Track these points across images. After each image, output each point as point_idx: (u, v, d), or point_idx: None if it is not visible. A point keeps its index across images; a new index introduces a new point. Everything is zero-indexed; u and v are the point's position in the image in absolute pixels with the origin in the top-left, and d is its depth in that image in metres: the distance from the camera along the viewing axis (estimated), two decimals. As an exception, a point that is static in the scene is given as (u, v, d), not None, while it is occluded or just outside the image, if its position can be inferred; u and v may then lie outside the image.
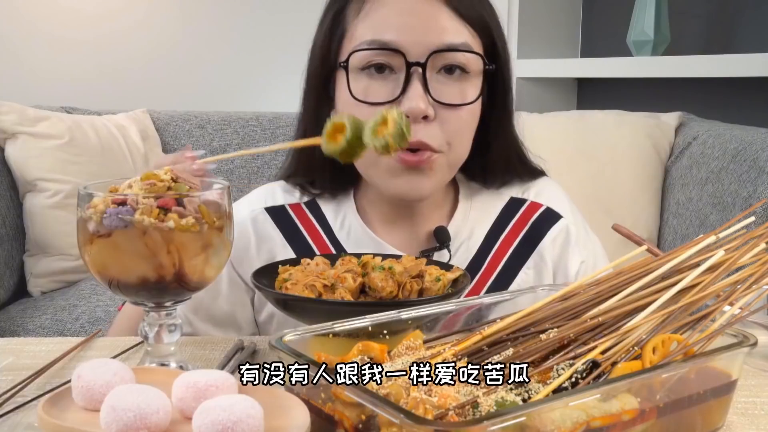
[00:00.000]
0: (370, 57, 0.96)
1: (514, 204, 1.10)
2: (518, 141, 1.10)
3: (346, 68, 0.97)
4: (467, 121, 0.99)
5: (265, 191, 1.11)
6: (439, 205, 1.08)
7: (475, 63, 0.97)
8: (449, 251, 1.03)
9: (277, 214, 1.07)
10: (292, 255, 1.03)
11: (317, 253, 1.04)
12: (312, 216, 1.08)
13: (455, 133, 0.97)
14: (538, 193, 1.11)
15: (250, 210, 1.07)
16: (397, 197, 1.01)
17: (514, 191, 1.11)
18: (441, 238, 1.04)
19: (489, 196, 1.10)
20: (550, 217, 1.09)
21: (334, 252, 1.03)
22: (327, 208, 1.08)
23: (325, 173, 1.06)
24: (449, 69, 0.96)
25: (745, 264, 0.71)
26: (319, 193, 1.09)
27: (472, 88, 0.98)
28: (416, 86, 0.94)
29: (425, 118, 0.94)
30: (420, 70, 0.94)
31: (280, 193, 1.10)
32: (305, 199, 1.09)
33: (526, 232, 1.08)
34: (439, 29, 0.95)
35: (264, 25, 2.94)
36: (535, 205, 1.09)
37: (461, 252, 1.06)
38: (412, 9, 0.95)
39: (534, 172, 1.12)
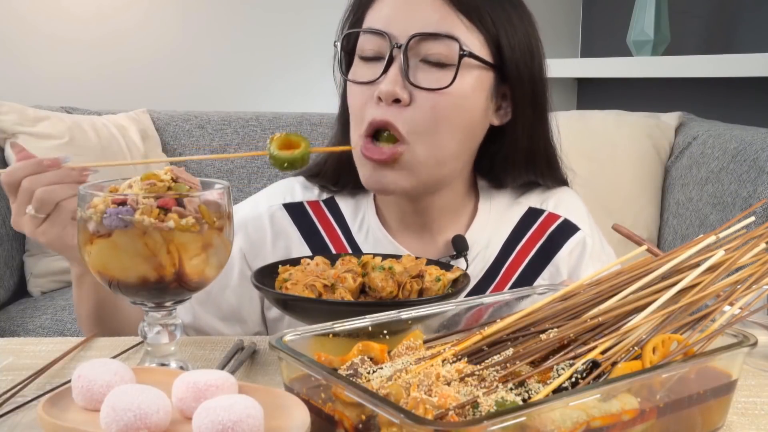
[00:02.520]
0: (359, 40, 0.99)
1: (532, 214, 1.09)
2: (550, 145, 1.08)
3: (336, 47, 1.02)
4: (446, 110, 0.95)
5: (284, 186, 1.11)
6: (456, 212, 1.07)
7: (459, 54, 0.94)
8: (466, 260, 1.03)
9: (295, 211, 1.07)
10: (308, 253, 1.03)
11: (334, 252, 1.03)
12: (330, 215, 1.08)
13: (429, 122, 0.94)
14: (557, 203, 1.10)
15: (268, 205, 1.08)
16: (367, 188, 1.01)
17: (533, 201, 1.10)
18: (458, 247, 1.04)
19: (508, 204, 1.10)
20: (568, 228, 1.08)
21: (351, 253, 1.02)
22: (346, 206, 1.08)
23: (351, 176, 1.05)
24: (437, 61, 0.95)
25: (745, 264, 0.71)
26: (339, 191, 1.09)
27: (452, 77, 0.94)
28: (393, 69, 0.95)
29: (398, 101, 0.94)
30: (401, 55, 0.94)
31: (299, 189, 1.10)
32: (324, 196, 1.09)
33: (543, 243, 1.07)
34: (425, 17, 0.95)
35: (264, 25, 2.93)
36: (552, 216, 1.09)
37: (477, 261, 1.05)
38: (410, 1, 0.97)
39: (558, 181, 1.11)
